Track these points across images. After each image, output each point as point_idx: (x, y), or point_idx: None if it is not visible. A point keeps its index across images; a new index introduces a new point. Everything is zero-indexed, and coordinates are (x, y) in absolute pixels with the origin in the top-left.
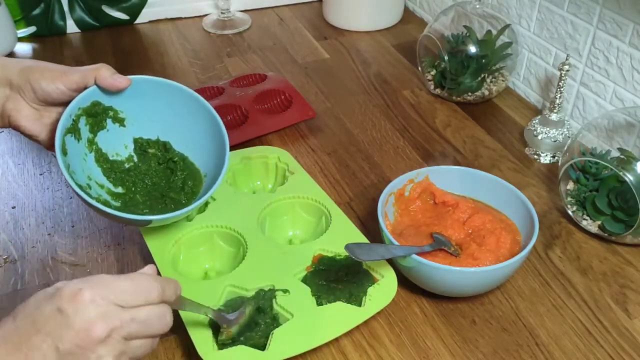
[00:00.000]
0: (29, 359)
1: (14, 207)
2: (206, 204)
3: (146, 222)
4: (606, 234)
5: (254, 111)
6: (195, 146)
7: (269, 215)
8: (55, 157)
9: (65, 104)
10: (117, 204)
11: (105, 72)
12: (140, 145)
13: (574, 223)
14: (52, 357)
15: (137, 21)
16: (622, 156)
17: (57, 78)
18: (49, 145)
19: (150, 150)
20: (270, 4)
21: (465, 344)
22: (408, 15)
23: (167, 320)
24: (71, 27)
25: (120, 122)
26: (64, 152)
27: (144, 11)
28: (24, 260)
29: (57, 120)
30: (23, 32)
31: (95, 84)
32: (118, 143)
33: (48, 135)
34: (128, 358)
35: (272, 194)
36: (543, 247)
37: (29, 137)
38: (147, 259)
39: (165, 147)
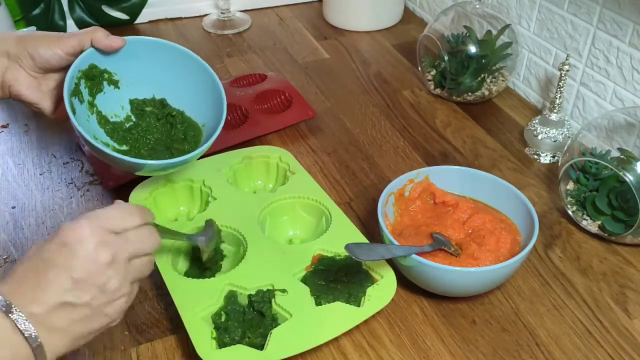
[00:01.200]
0: (48, 292)
1: (14, 207)
2: (207, 202)
3: (158, 166)
4: (606, 234)
5: (254, 111)
6: (191, 100)
7: (270, 214)
8: (55, 156)
9: (63, 69)
10: None
11: (100, 34)
12: (137, 106)
13: (574, 223)
14: (68, 285)
15: (137, 21)
16: (622, 156)
17: (54, 43)
18: (51, 112)
19: (148, 109)
20: (270, 4)
21: (465, 344)
22: (408, 15)
23: (156, 237)
24: (71, 27)
25: (115, 84)
26: (73, 112)
27: (144, 11)
28: None
29: (56, 87)
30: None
31: (92, 46)
32: (115, 105)
33: (48, 102)
34: (132, 277)
35: (272, 193)
36: (543, 247)
37: (30, 105)
38: None
39: (162, 103)
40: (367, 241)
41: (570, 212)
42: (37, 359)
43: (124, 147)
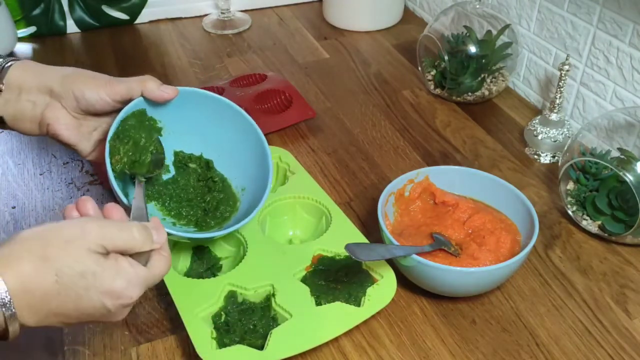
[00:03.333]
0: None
1: (14, 207)
2: None
3: (185, 237)
4: (606, 234)
5: (254, 111)
6: (237, 166)
7: (270, 214)
8: (55, 156)
9: (106, 114)
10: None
11: (152, 85)
12: (181, 159)
13: (574, 223)
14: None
15: (137, 21)
16: (622, 156)
17: (101, 88)
18: (88, 154)
19: (192, 165)
20: (270, 4)
21: (465, 344)
22: (408, 15)
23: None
24: (71, 27)
25: (158, 131)
26: (116, 177)
27: (144, 11)
28: None
29: (96, 130)
30: (23, 32)
31: (142, 96)
32: None
33: (86, 144)
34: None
35: (272, 193)
36: (543, 247)
37: (67, 146)
38: None
39: (207, 165)
40: (367, 241)
41: (570, 212)
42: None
43: (151, 202)
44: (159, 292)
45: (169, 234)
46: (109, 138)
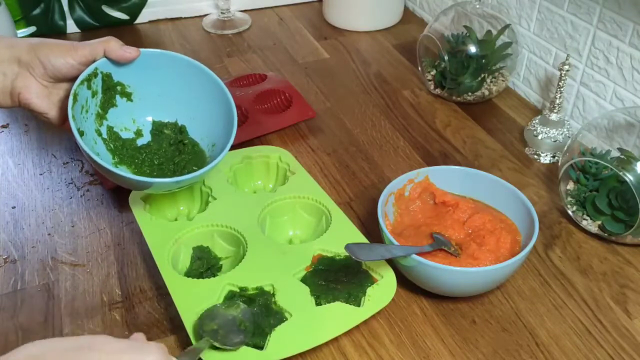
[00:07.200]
0: None
1: (14, 207)
2: (207, 202)
3: (148, 184)
4: (606, 234)
5: (254, 111)
6: (207, 123)
7: (269, 214)
8: (55, 156)
9: (74, 79)
10: None
11: (114, 44)
12: (158, 126)
13: (574, 223)
14: None
15: (137, 21)
16: (622, 156)
17: (66, 53)
18: (59, 122)
19: (166, 132)
20: (270, 4)
21: (465, 344)
22: (408, 15)
23: None
24: (71, 27)
25: (128, 96)
26: (81, 134)
27: (144, 11)
28: (24, 260)
29: (66, 97)
30: (23, 32)
31: (105, 56)
32: (126, 118)
33: (57, 112)
34: None
35: (272, 193)
36: (543, 247)
37: (39, 115)
38: (147, 258)
39: (180, 130)
40: (367, 241)
41: (570, 212)
42: None
43: (124, 166)
44: (159, 292)
45: (135, 182)
46: (71, 93)
